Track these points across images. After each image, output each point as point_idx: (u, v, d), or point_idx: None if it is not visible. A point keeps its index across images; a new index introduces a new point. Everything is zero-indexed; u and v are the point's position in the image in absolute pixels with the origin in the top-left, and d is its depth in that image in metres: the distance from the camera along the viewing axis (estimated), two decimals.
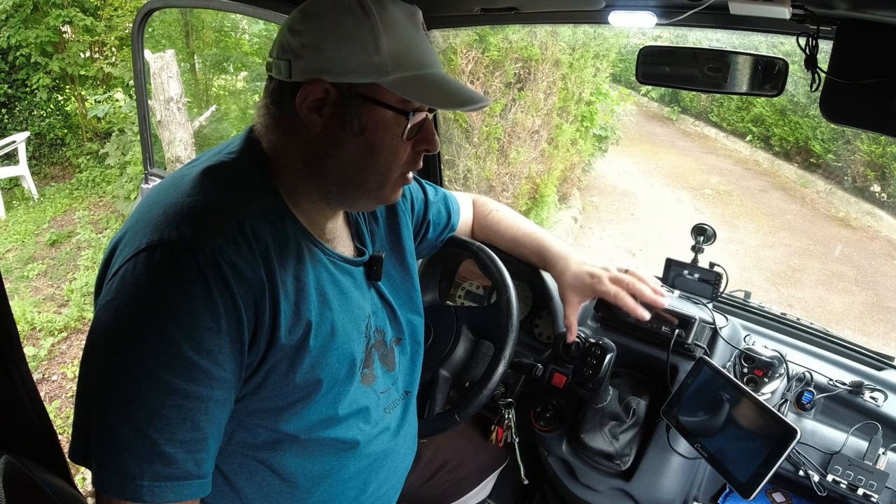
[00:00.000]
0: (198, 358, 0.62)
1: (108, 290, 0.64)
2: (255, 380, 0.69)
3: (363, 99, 0.68)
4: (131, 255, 0.63)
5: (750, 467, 0.87)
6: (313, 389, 0.73)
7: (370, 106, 0.69)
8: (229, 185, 0.71)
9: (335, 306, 0.75)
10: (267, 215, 0.70)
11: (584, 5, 1.11)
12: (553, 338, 1.26)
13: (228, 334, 0.63)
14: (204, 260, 0.62)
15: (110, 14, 5.74)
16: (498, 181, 4.46)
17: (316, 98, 0.68)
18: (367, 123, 0.69)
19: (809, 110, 6.27)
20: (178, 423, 0.62)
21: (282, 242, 0.70)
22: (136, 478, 0.61)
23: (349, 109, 0.68)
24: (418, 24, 0.71)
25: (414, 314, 0.96)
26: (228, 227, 0.65)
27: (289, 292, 0.69)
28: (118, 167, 5.31)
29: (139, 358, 0.61)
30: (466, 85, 0.75)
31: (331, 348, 0.74)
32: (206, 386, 0.63)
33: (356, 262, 0.83)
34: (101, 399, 0.62)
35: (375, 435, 0.84)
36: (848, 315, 4.26)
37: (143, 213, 0.68)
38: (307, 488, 0.79)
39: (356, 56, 0.66)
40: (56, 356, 3.39)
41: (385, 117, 0.69)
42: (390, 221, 0.95)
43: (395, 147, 0.71)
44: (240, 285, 0.64)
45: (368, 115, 0.69)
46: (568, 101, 4.72)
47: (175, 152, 4.21)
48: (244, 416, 0.72)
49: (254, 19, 4.82)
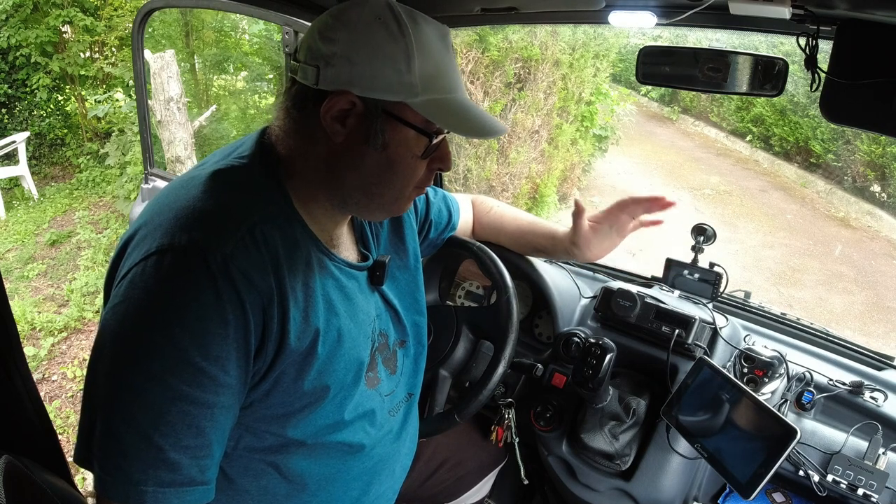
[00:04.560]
0: (206, 364, 0.61)
1: (117, 293, 0.63)
2: (264, 386, 0.69)
3: (389, 116, 0.68)
4: (141, 258, 0.63)
5: (750, 467, 0.87)
6: (321, 395, 0.73)
7: (395, 124, 0.69)
8: (240, 189, 0.70)
9: (341, 312, 0.75)
10: (277, 220, 0.69)
11: (584, 5, 1.11)
12: (553, 338, 1.26)
13: (236, 341, 0.63)
14: (215, 266, 0.61)
15: (110, 14, 5.74)
16: (498, 181, 4.46)
17: (341, 109, 0.68)
18: (391, 140, 0.69)
19: (809, 110, 6.27)
20: (184, 429, 0.61)
21: (291, 249, 0.70)
22: (141, 483, 0.60)
23: (374, 124, 0.68)
24: (449, 46, 0.71)
25: (418, 315, 0.96)
26: (240, 233, 0.65)
27: (298, 299, 0.69)
28: (118, 167, 5.31)
29: (146, 363, 0.60)
30: (486, 111, 0.77)
31: (338, 354, 0.74)
32: (212, 392, 0.62)
33: (360, 267, 0.82)
34: (107, 403, 0.62)
35: (380, 438, 0.84)
36: (848, 315, 4.26)
37: (154, 216, 0.67)
38: (313, 490, 0.79)
39: (388, 73, 0.66)
40: (56, 356, 3.39)
41: (408, 136, 0.70)
42: (394, 224, 0.95)
43: (414, 165, 0.72)
44: (249, 292, 0.63)
45: (392, 132, 0.69)
46: (568, 101, 4.72)
47: (175, 152, 4.21)
48: (252, 421, 0.71)
49: (254, 19, 4.82)
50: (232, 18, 5.52)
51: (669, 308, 1.16)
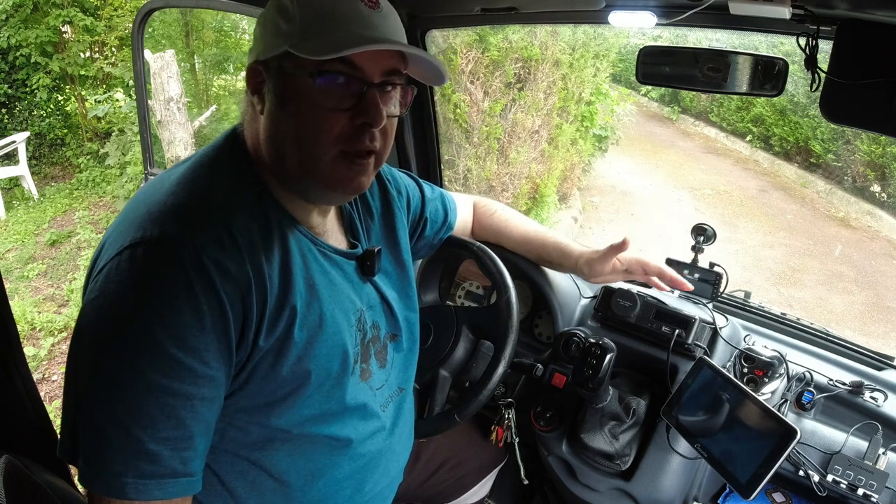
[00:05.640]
0: (182, 355, 0.61)
1: (93, 287, 0.64)
2: (242, 375, 0.69)
3: (279, 71, 0.69)
4: (115, 253, 0.63)
5: (750, 467, 0.87)
6: (303, 382, 0.73)
7: (287, 77, 0.68)
8: (213, 180, 0.71)
9: (324, 296, 0.75)
10: (252, 209, 0.70)
11: (584, 5, 1.11)
12: (553, 338, 1.26)
13: (214, 332, 0.63)
14: (187, 258, 0.62)
15: (110, 14, 5.74)
16: (498, 181, 4.46)
17: (256, 81, 0.70)
18: (286, 94, 0.69)
19: (809, 110, 6.27)
20: (163, 421, 0.62)
21: (268, 235, 0.70)
22: (121, 475, 0.61)
23: (275, 85, 0.69)
24: None
25: (410, 311, 0.96)
26: (212, 224, 0.65)
27: (275, 284, 0.69)
28: (118, 167, 5.31)
29: (122, 355, 0.61)
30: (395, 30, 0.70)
31: (319, 339, 0.73)
32: (191, 384, 0.62)
33: (348, 254, 0.82)
34: (86, 396, 0.62)
35: (370, 433, 0.84)
36: (848, 315, 4.26)
37: (129, 213, 0.68)
38: (300, 487, 0.78)
39: (273, 30, 0.68)
40: (56, 356, 3.39)
41: (303, 86, 0.67)
42: (386, 218, 0.95)
43: (319, 117, 0.68)
44: (225, 282, 0.64)
45: (286, 86, 0.69)
46: (568, 101, 4.71)
47: (175, 152, 4.21)
48: (234, 412, 0.71)
49: (254, 19, 4.81)
50: (232, 18, 5.52)
51: (669, 308, 1.16)
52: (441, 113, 3.96)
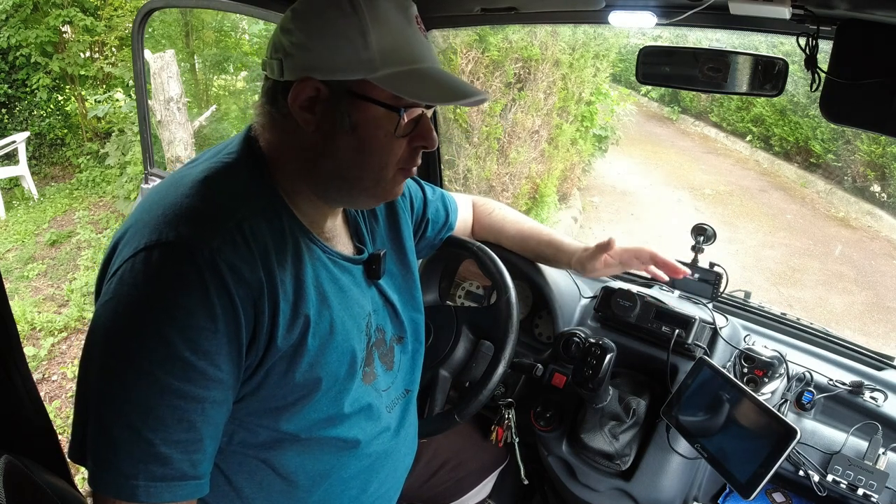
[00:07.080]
0: (194, 359, 0.62)
1: (107, 290, 0.64)
2: (255, 380, 0.69)
3: (353, 96, 0.68)
4: (130, 255, 0.63)
5: (750, 467, 0.87)
6: (313, 388, 0.73)
7: (360, 103, 0.68)
8: (228, 185, 0.71)
9: (334, 304, 0.75)
10: (266, 214, 0.70)
11: (584, 5, 1.11)
12: (553, 338, 1.26)
13: (226, 335, 0.63)
14: (202, 261, 0.62)
15: (110, 14, 5.74)
16: (498, 181, 4.46)
17: (308, 96, 0.68)
18: (359, 121, 0.69)
19: (809, 110, 6.27)
20: (174, 424, 0.62)
21: (281, 241, 0.70)
22: (132, 477, 0.61)
23: (340, 107, 0.68)
24: (411, 18, 0.70)
25: (416, 312, 0.96)
26: (227, 228, 0.65)
27: (287, 291, 0.69)
28: (118, 167, 5.31)
29: (135, 358, 0.61)
30: (462, 80, 0.74)
31: (330, 346, 0.74)
32: (202, 387, 0.63)
33: (355, 260, 0.83)
34: (98, 399, 0.62)
35: (377, 434, 0.84)
36: (848, 315, 4.26)
37: (143, 214, 0.68)
38: (307, 487, 0.79)
39: (344, 52, 0.66)
40: (56, 356, 3.39)
41: (376, 114, 0.69)
42: (390, 220, 0.95)
43: (389, 144, 0.71)
44: (238, 286, 0.64)
45: (359, 112, 0.68)
46: (568, 101, 4.72)
47: (175, 152, 4.21)
48: (244, 416, 0.72)
49: (254, 19, 4.82)
50: (232, 18, 5.52)
51: (669, 308, 1.16)
52: (441, 113, 3.96)
